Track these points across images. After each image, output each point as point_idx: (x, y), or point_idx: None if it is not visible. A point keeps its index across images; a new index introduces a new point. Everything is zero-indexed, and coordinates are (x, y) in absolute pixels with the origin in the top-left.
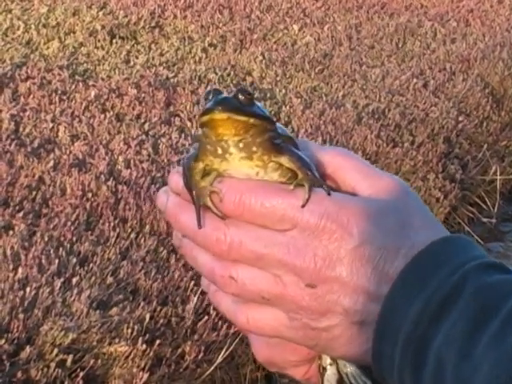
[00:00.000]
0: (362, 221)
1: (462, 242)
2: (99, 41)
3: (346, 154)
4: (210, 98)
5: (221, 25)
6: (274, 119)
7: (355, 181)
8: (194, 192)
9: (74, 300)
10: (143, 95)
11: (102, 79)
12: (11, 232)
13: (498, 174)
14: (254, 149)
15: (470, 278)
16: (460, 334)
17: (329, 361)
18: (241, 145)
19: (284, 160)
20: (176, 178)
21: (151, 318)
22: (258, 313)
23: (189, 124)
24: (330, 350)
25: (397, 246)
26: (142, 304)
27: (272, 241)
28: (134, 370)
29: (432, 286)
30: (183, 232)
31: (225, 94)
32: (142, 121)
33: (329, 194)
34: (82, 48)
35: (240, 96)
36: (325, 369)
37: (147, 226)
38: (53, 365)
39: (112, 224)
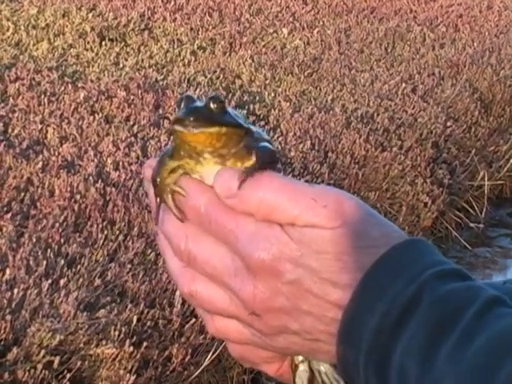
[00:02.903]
0: (296, 255)
1: (421, 247)
2: (88, 43)
3: (273, 189)
4: (182, 105)
5: (210, 28)
6: (248, 125)
7: (293, 216)
8: (156, 188)
9: (62, 302)
10: (132, 97)
11: (92, 81)
12: None
13: (486, 179)
14: (228, 157)
15: (427, 287)
16: (420, 347)
17: (301, 358)
18: (214, 153)
19: (254, 157)
20: (149, 172)
21: (138, 320)
22: (223, 325)
23: None
24: (297, 355)
25: (337, 278)
26: (129, 306)
27: (222, 263)
28: (121, 372)
29: (390, 295)
30: (156, 227)
31: (197, 102)
32: (131, 123)
33: (272, 182)
34: (72, 50)
35: (212, 104)
36: (297, 366)
37: (135, 229)
38: (40, 366)
39: (100, 226)
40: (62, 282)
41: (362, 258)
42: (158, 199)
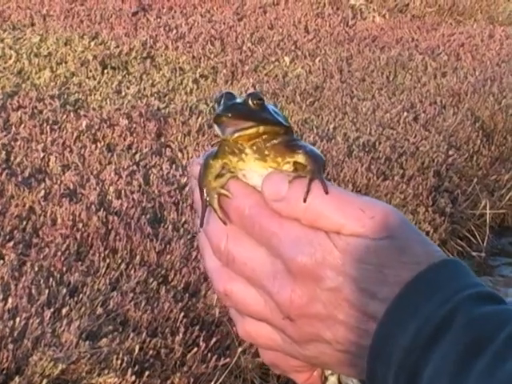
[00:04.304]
0: (338, 263)
1: (458, 268)
2: (91, 71)
3: (322, 196)
4: (222, 102)
5: (212, 56)
6: (288, 123)
7: (339, 225)
8: (203, 191)
9: (64, 330)
10: (134, 126)
11: (94, 109)
12: (1, 262)
13: (488, 208)
14: (267, 152)
15: (461, 308)
16: (450, 367)
17: (331, 371)
18: (254, 147)
19: (300, 158)
20: (196, 169)
21: (140, 349)
22: (254, 328)
23: (180, 155)
24: (326, 368)
25: (375, 289)
26: (131, 335)
27: (261, 265)
28: None
29: (424, 314)
30: (197, 225)
31: (236, 99)
32: (133, 151)
33: (326, 193)
34: (74, 78)
35: (250, 101)
36: (326, 378)
37: (137, 257)
38: None
39: (102, 254)
40: (64, 310)
41: (403, 273)
42: (204, 201)
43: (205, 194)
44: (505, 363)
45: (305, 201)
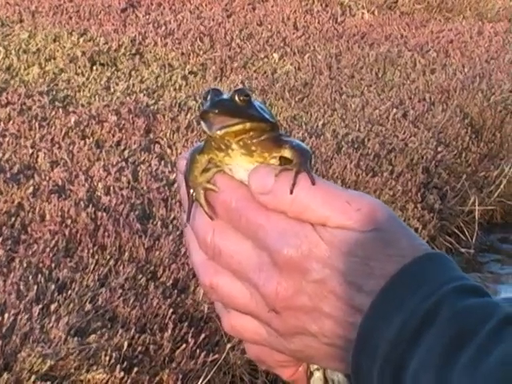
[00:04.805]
0: (324, 255)
1: (443, 261)
2: (79, 67)
3: (308, 188)
4: (208, 98)
5: (201, 52)
6: (274, 119)
7: (325, 217)
8: (189, 186)
9: (52, 327)
10: (123, 122)
11: (82, 106)
12: None
13: (477, 204)
14: (253, 148)
15: (446, 301)
16: (435, 360)
17: (316, 366)
18: (241, 143)
19: (287, 152)
20: (183, 164)
21: (129, 345)
22: (239, 322)
23: (168, 151)
24: (312, 362)
25: (361, 282)
26: (120, 331)
27: (247, 258)
28: None
29: (409, 307)
30: (184, 220)
31: (223, 95)
32: (122, 148)
33: (313, 184)
34: (63, 74)
35: (237, 98)
36: (312, 373)
37: (126, 253)
38: None
39: (91, 251)
40: (52, 307)
41: (388, 266)
42: (190, 197)
43: (191, 190)
44: (488, 356)
45: (291, 193)
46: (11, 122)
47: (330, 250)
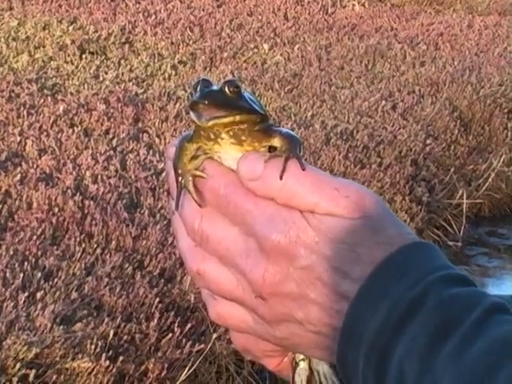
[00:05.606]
0: (312, 241)
1: (430, 250)
2: (69, 55)
3: (297, 175)
4: (198, 88)
5: (191, 42)
6: (264, 111)
7: (313, 204)
8: (178, 174)
9: (38, 315)
10: (112, 111)
11: (71, 94)
12: None
13: (465, 197)
14: (243, 138)
15: (432, 290)
16: (420, 348)
17: (302, 356)
18: (231, 133)
19: (276, 141)
20: (172, 152)
21: (115, 334)
22: (225, 309)
23: (157, 140)
24: (297, 351)
25: (348, 268)
26: (106, 320)
27: (234, 244)
28: None
29: (394, 296)
30: (172, 208)
31: (213, 86)
32: (110, 136)
33: (303, 170)
34: (52, 62)
35: (227, 89)
36: (297, 363)
37: (113, 242)
38: (15, 379)
39: (78, 239)
40: (38, 294)
41: (376, 253)
42: (179, 184)
43: (180, 177)
44: (472, 345)
45: (281, 178)
46: None
47: (318, 237)
